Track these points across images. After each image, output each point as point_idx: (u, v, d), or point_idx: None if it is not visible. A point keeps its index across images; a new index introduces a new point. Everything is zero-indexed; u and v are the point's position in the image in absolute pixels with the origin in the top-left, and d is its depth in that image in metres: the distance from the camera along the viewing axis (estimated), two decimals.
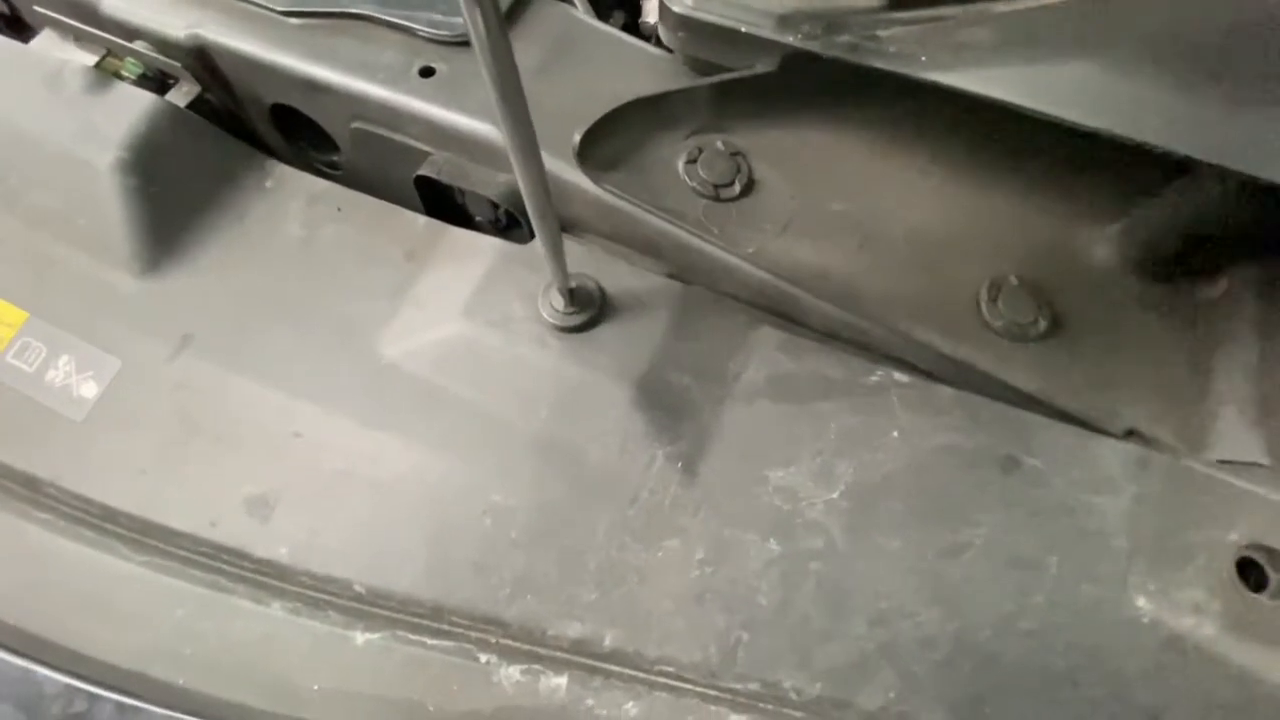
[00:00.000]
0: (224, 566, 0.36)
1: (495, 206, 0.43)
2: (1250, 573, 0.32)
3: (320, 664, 0.34)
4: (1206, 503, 0.34)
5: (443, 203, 0.45)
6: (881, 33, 0.37)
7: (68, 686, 0.33)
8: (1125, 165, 0.40)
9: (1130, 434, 0.38)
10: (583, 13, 0.46)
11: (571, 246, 0.40)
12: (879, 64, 0.37)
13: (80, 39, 0.48)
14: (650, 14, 0.48)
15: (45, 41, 0.48)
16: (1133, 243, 0.42)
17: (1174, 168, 0.39)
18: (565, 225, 0.43)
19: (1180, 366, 0.40)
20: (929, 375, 0.38)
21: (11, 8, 0.53)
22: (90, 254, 0.41)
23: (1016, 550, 0.33)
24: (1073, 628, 0.32)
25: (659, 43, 0.44)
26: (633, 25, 0.54)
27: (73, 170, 0.41)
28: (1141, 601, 0.32)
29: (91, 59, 0.46)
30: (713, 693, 0.32)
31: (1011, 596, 0.32)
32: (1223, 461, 0.36)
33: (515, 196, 0.41)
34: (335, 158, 0.50)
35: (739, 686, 0.32)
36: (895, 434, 0.36)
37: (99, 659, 0.34)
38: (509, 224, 0.44)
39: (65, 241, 0.42)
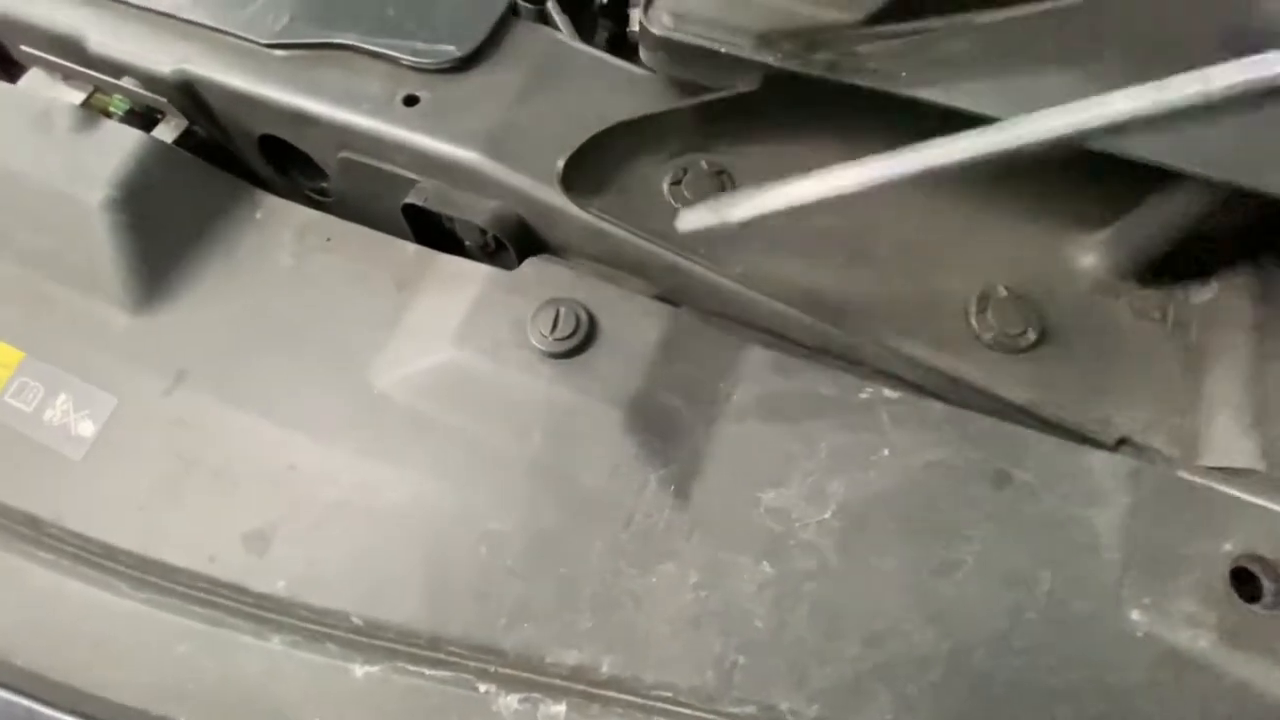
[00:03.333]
0: (223, 601, 0.36)
1: (483, 233, 0.43)
2: (1245, 583, 0.32)
3: (321, 697, 0.34)
4: (1200, 513, 0.34)
5: (432, 230, 0.45)
6: (861, 49, 0.37)
7: None
8: (1111, 173, 0.40)
9: (1123, 442, 0.38)
10: (565, 35, 0.46)
11: (558, 270, 0.40)
12: (859, 81, 0.37)
13: (68, 77, 0.48)
14: (637, 23, 0.48)
15: (33, 80, 0.49)
16: (1120, 250, 0.42)
17: (1160, 173, 0.38)
18: (553, 249, 0.43)
19: (1172, 373, 0.40)
20: (920, 389, 0.38)
21: None
22: (83, 292, 0.42)
23: (1009, 566, 0.33)
24: (1067, 644, 0.32)
25: None
26: (620, 36, 0.54)
27: (63, 209, 0.42)
28: (1136, 615, 0.32)
29: (79, 96, 0.47)
30: (710, 717, 0.33)
31: (1005, 614, 0.32)
32: (1217, 469, 0.36)
33: (502, 223, 0.42)
34: (325, 186, 0.50)
35: (736, 710, 0.32)
36: (886, 451, 0.36)
37: (102, 697, 0.35)
38: (497, 249, 0.44)
39: (58, 280, 0.42)
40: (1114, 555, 0.33)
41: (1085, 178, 0.42)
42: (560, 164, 0.40)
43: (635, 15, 0.40)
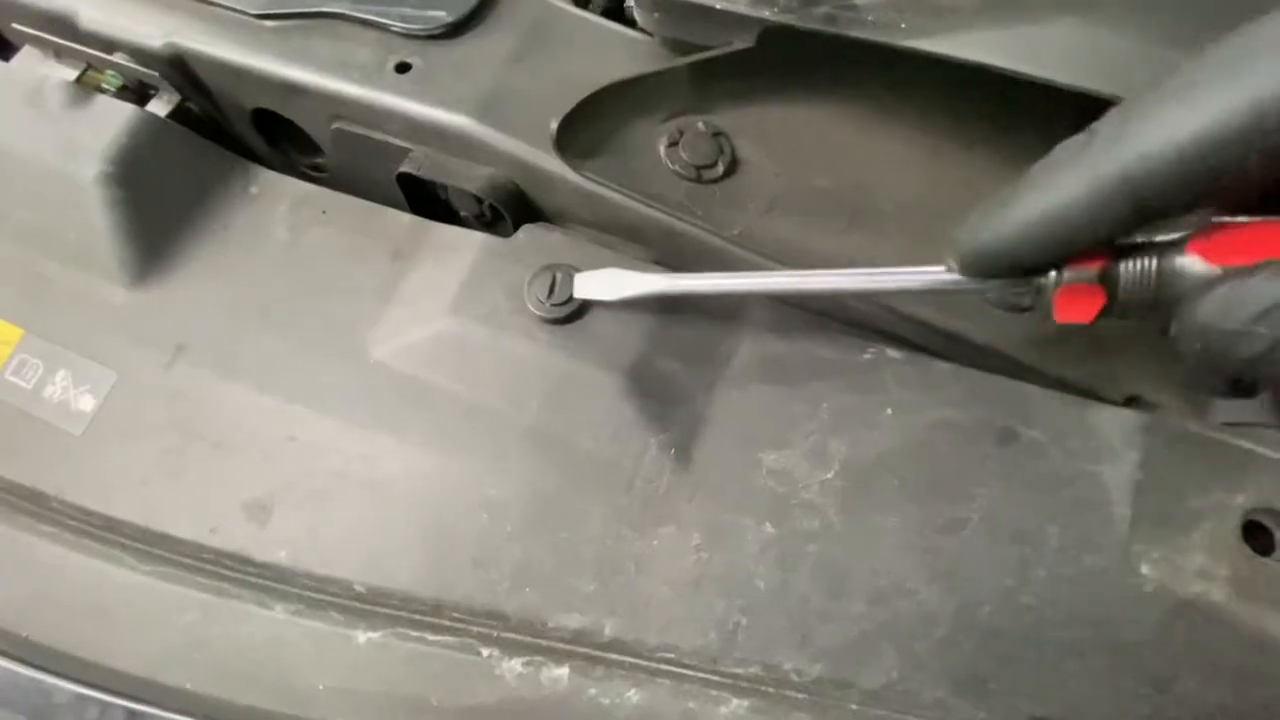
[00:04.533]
0: (226, 572, 0.36)
1: (479, 201, 0.42)
2: (1257, 536, 0.32)
3: (325, 664, 0.34)
4: (1210, 467, 0.33)
5: (427, 200, 0.45)
6: (859, 1, 0.36)
7: (79, 696, 0.34)
8: None
9: (1132, 400, 0.37)
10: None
11: (554, 236, 0.40)
12: (858, 34, 0.36)
13: (61, 54, 0.48)
14: None
15: (26, 58, 0.48)
16: None
17: None
18: (549, 215, 0.42)
19: None
20: (924, 350, 0.38)
21: None
22: (80, 268, 0.42)
23: (1016, 523, 0.33)
24: (1076, 599, 0.31)
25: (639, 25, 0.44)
26: (617, 10, 0.53)
27: (58, 186, 0.42)
28: (1146, 569, 0.31)
29: (72, 73, 0.47)
30: (714, 678, 0.32)
31: (1012, 570, 0.32)
32: (1227, 424, 0.35)
33: (497, 190, 0.41)
34: (319, 160, 0.50)
35: (740, 670, 0.32)
36: (889, 411, 0.35)
37: (109, 667, 0.35)
38: (493, 218, 0.44)
39: (55, 257, 0.42)
40: (1124, 510, 0.32)
41: None
42: (553, 126, 0.39)
43: None
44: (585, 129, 0.40)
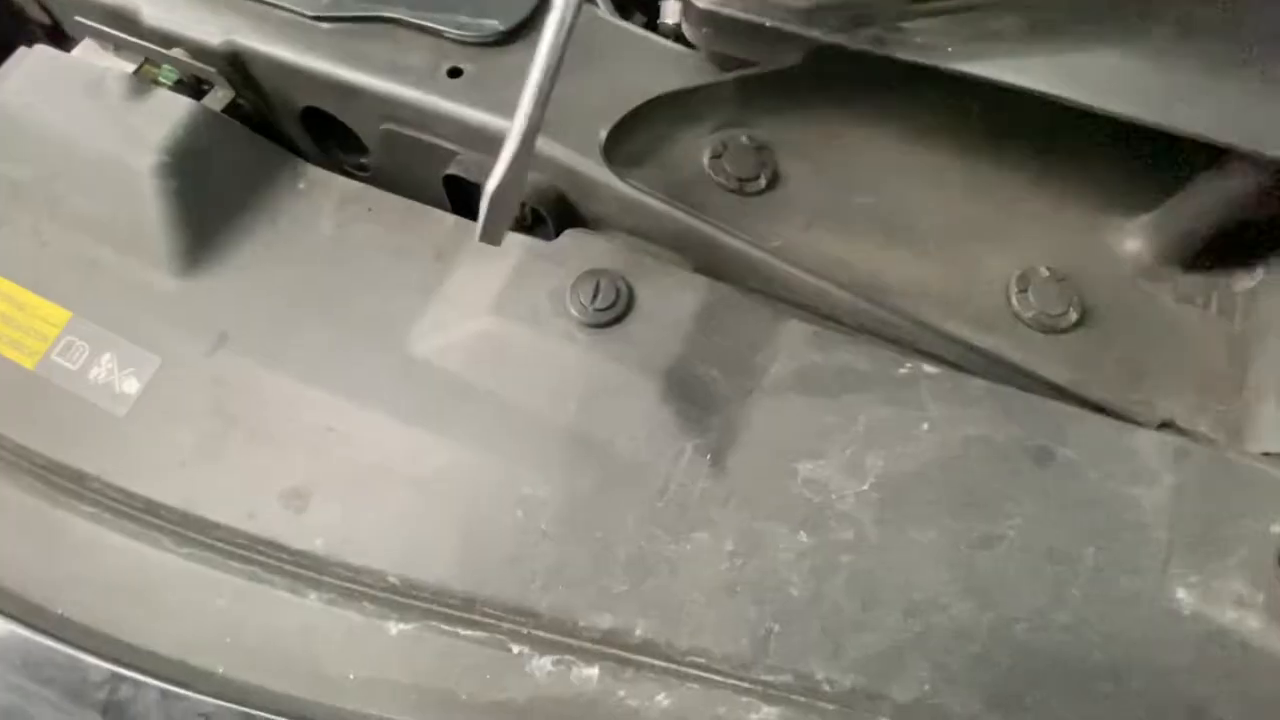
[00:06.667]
0: (261, 558, 0.36)
1: (521, 205, 0.43)
2: None
3: (356, 653, 0.35)
4: (1247, 494, 0.33)
5: (468, 201, 0.46)
6: (907, 24, 0.37)
7: (113, 674, 0.34)
8: (1157, 153, 0.40)
9: (1166, 425, 0.37)
10: (606, 12, 0.47)
11: (597, 242, 0.41)
12: (905, 56, 0.37)
13: (119, 48, 0.49)
14: (669, 15, 0.48)
15: (85, 50, 0.50)
16: (1165, 233, 0.41)
17: (1208, 155, 0.38)
18: (591, 222, 0.43)
19: (1217, 357, 0.39)
20: (959, 368, 0.38)
21: (52, 18, 0.55)
22: (131, 255, 0.42)
23: (1052, 542, 0.33)
24: (1111, 621, 0.31)
25: (681, 41, 0.45)
26: (651, 27, 0.54)
27: (114, 174, 0.43)
28: (1182, 594, 0.31)
29: (130, 66, 0.48)
30: (744, 684, 0.32)
31: (1047, 589, 0.32)
32: (1264, 454, 0.35)
33: (541, 195, 0.42)
34: (363, 159, 0.51)
35: (771, 678, 0.32)
36: (925, 426, 0.35)
37: (142, 647, 0.35)
38: (534, 221, 0.44)
39: (106, 243, 0.43)
40: (1160, 534, 0.32)
41: (1128, 160, 0.42)
42: (603, 135, 0.40)
43: None
44: (632, 139, 0.41)
